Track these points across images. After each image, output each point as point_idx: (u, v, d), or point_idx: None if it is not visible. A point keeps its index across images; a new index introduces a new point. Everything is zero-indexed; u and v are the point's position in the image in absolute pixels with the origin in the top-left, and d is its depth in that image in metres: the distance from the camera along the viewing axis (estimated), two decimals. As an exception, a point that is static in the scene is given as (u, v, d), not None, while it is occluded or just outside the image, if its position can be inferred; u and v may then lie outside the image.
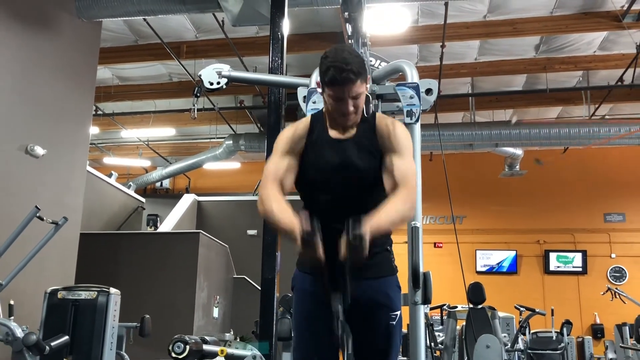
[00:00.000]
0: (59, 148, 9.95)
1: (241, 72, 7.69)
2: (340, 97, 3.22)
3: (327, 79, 3.20)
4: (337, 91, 3.21)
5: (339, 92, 3.20)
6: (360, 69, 3.18)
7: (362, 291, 3.26)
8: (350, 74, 3.14)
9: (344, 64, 3.13)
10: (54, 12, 10.17)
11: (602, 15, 12.40)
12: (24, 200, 8.71)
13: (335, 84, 3.18)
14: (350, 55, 3.19)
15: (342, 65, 3.13)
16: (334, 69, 3.15)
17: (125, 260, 12.73)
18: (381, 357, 3.37)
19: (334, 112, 3.33)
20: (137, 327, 8.47)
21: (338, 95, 3.22)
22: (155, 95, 16.73)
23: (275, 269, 7.66)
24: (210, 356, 5.56)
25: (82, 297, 7.70)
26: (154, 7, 10.60)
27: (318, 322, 3.31)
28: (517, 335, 11.31)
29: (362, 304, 3.27)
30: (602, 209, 20.03)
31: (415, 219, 4.61)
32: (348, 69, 3.13)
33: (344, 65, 3.13)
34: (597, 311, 19.01)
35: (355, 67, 3.15)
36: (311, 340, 3.38)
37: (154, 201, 20.26)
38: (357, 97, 3.24)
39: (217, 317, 13.49)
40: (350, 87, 3.18)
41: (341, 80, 3.16)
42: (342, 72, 3.13)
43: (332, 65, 3.16)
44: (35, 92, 9.55)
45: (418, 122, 4.90)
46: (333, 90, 3.22)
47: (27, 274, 7.93)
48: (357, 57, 3.22)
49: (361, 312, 3.29)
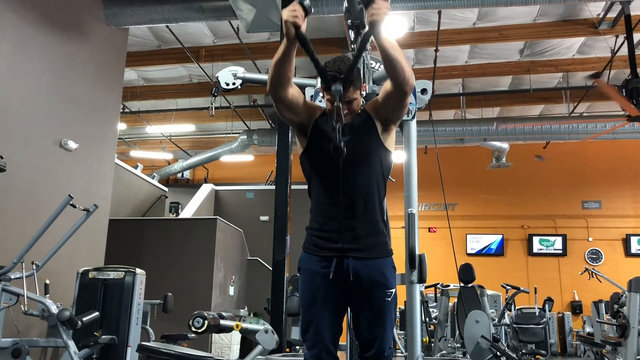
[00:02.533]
0: (90, 142, 9.95)
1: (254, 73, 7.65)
2: (334, 101, 3.32)
3: (324, 85, 3.35)
4: (332, 96, 3.33)
5: (334, 97, 3.30)
6: (353, 78, 3.35)
7: (361, 270, 3.34)
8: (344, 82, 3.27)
9: (338, 74, 3.28)
10: (85, 20, 10.16)
11: (581, 23, 12.43)
12: (58, 189, 8.71)
13: (330, 89, 3.31)
14: (346, 66, 3.31)
15: (337, 74, 3.28)
16: (330, 77, 3.29)
17: (149, 243, 12.73)
18: (378, 329, 3.40)
19: (331, 113, 3.43)
20: (161, 304, 8.50)
21: (333, 99, 3.34)
22: (177, 94, 16.71)
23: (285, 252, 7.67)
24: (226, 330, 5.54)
25: (110, 277, 7.72)
26: (175, 15, 10.59)
27: (323, 299, 3.37)
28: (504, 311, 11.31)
29: (361, 282, 3.35)
30: (580, 196, 20.00)
31: (411, 206, 4.62)
32: (341, 78, 3.27)
33: (339, 74, 3.28)
34: (576, 289, 18.99)
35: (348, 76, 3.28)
36: (317, 315, 3.39)
37: (176, 190, 20.24)
38: (350, 102, 3.43)
39: (232, 295, 13.49)
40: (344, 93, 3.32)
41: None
42: (336, 79, 3.27)
43: (328, 73, 3.30)
44: (69, 92, 9.54)
45: (414, 119, 4.91)
46: (329, 95, 3.38)
47: (61, 256, 7.95)
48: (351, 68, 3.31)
49: (360, 289, 3.36)
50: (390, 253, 3.52)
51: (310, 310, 3.41)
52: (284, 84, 3.35)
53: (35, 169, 8.67)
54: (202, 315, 5.21)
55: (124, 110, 16.38)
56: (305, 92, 5.15)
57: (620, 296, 8.87)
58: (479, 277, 9.92)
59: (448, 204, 19.30)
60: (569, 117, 15.89)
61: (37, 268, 7.02)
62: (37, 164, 8.73)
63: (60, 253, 7.57)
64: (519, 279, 17.66)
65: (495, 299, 12.73)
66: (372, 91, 4.89)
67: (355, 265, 3.35)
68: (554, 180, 20.03)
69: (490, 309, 9.69)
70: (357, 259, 3.36)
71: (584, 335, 13.41)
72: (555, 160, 19.63)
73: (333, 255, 3.37)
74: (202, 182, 20.29)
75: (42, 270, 7.19)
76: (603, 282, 12.11)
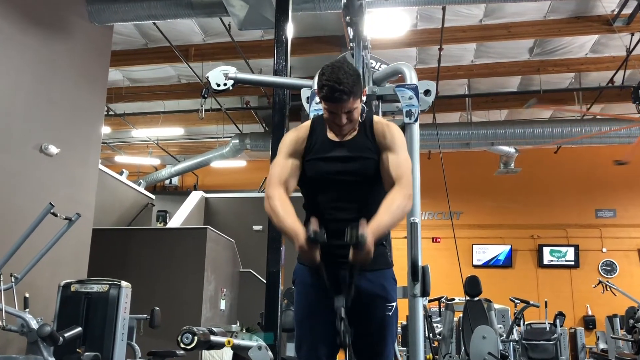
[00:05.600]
0: (72, 147, 9.95)
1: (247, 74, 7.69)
2: (334, 112, 3.33)
3: (322, 95, 3.32)
4: (331, 107, 3.33)
5: (333, 108, 3.32)
6: (352, 88, 3.28)
7: (360, 283, 3.29)
8: (343, 95, 3.25)
9: (337, 84, 3.23)
10: (67, 16, 10.18)
11: (594, 19, 12.42)
12: (38, 197, 8.71)
13: (329, 101, 3.30)
14: (345, 75, 3.26)
15: (335, 85, 3.23)
16: (327, 88, 3.25)
17: (135, 254, 12.72)
18: (377, 345, 3.40)
19: (330, 123, 3.44)
20: (147, 319, 8.49)
21: (332, 110, 3.34)
22: (165, 96, 16.73)
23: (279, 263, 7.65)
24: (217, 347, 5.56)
25: (94, 290, 7.73)
26: (163, 11, 10.59)
27: (318, 313, 3.35)
28: (512, 327, 11.30)
29: (359, 295, 3.30)
30: (593, 205, 20.05)
31: (414, 215, 4.60)
32: (340, 89, 3.23)
33: (337, 85, 3.23)
34: (589, 303, 19.01)
35: (347, 86, 3.25)
36: (312, 330, 3.39)
37: (164, 198, 20.26)
38: (350, 112, 3.36)
39: (224, 309, 13.48)
40: (343, 105, 3.30)
41: (334, 99, 3.28)
42: (334, 91, 3.24)
43: (326, 84, 3.26)
44: (50, 93, 9.55)
45: (417, 122, 4.91)
46: (328, 105, 3.34)
47: (42, 268, 7.94)
48: (351, 76, 3.28)
49: (359, 303, 3.31)
50: (391, 264, 3.52)
51: (304, 325, 3.42)
52: None
53: (14, 175, 8.68)
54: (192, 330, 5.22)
55: (109, 113, 16.37)
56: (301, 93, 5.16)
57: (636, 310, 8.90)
58: (486, 290, 9.93)
59: (453, 213, 19.30)
60: (582, 119, 15.92)
61: (16, 281, 7.01)
62: (16, 170, 8.73)
63: (41, 265, 7.57)
64: (529, 292, 17.64)
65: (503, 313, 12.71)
66: (372, 92, 4.90)
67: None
68: (565, 188, 20.06)
69: (497, 324, 9.70)
70: (356, 273, 3.34)
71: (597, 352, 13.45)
72: (567, 166, 19.67)
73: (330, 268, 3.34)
74: (192, 190, 20.30)
75: (21, 283, 7.19)
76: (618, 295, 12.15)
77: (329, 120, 3.43)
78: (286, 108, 7.48)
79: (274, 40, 7.76)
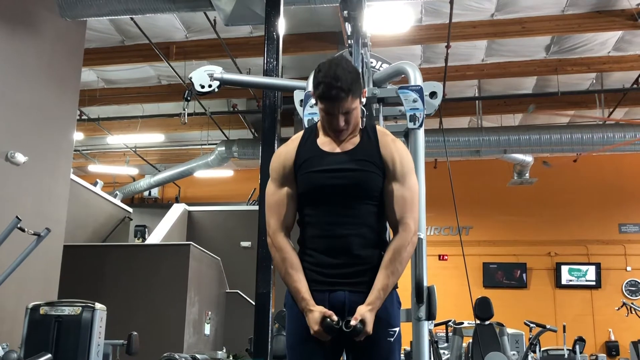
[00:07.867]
0: (41, 155, 9.95)
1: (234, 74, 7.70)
2: (331, 113, 3.35)
3: (317, 94, 3.33)
4: (328, 107, 3.34)
5: (330, 107, 3.34)
6: (351, 86, 3.29)
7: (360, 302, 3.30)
8: (341, 92, 3.27)
9: (334, 81, 3.25)
10: (35, 11, 10.18)
11: (617, 14, 12.40)
12: (4, 210, 8.71)
13: (325, 99, 3.32)
14: (343, 71, 3.28)
15: (332, 82, 3.25)
16: (324, 85, 3.27)
17: (111, 273, 12.72)
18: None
19: (327, 127, 3.46)
20: (124, 345, 8.47)
21: (329, 110, 3.35)
22: (143, 99, 16.74)
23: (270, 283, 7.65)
24: (201, 375, 5.56)
25: (65, 313, 7.70)
26: (141, 5, 10.55)
27: (312, 338, 3.33)
28: (527, 353, 11.30)
29: (359, 319, 3.30)
30: (616, 219, 20.04)
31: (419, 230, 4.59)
32: (338, 86, 3.25)
33: (334, 82, 3.25)
34: (612, 327, 19.00)
35: (345, 84, 3.27)
36: (305, 356, 3.39)
37: (142, 211, 20.26)
38: (348, 113, 3.37)
39: (208, 334, 13.48)
40: (340, 104, 3.31)
41: (331, 97, 3.29)
42: (331, 89, 3.26)
43: (322, 81, 3.28)
44: (15, 96, 9.55)
45: (422, 127, 4.89)
46: (324, 105, 3.35)
47: (8, 289, 7.93)
48: (349, 73, 3.31)
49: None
50: (395, 286, 3.48)
51: (297, 350, 3.42)
52: None
53: (-23, 186, 8.68)
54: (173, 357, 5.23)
55: (81, 117, 16.36)
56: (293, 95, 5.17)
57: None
58: (498, 313, 9.94)
59: (462, 228, 19.33)
60: (604, 124, 15.95)
61: (-22, 303, 7.01)
62: (-21, 180, 8.73)
63: (6, 285, 7.56)
64: (545, 315, 17.67)
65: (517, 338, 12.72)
66: (373, 94, 4.90)
67: (351, 299, 3.32)
68: (586, 200, 20.06)
69: (511, 351, 9.71)
70: (353, 292, 3.34)
71: (621, 382, 13.42)
72: (587, 176, 19.70)
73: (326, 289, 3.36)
74: (173, 202, 20.34)
75: (-16, 305, 7.19)
76: (644, 318, 12.14)
77: (326, 124, 3.44)
78: (277, 112, 7.49)
79: (264, 37, 7.78)
